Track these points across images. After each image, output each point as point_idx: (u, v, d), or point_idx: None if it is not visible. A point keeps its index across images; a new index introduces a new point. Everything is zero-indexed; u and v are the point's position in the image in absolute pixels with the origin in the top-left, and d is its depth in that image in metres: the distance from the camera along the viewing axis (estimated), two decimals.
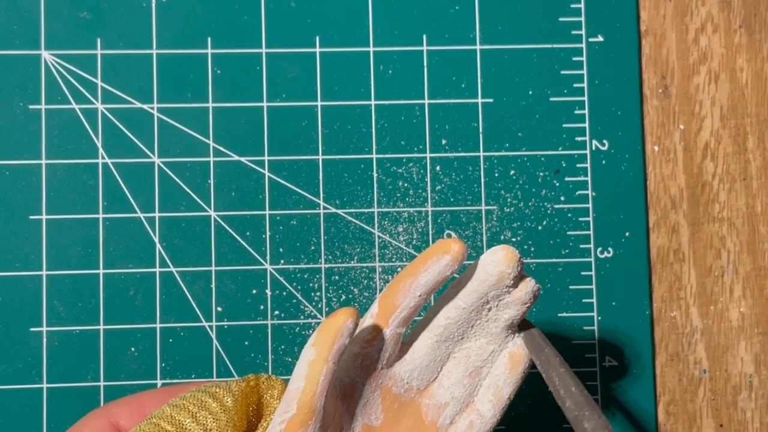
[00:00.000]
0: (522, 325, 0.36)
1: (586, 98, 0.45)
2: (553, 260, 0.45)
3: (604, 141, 0.45)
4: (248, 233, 0.44)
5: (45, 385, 0.42)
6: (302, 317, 0.44)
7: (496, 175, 0.45)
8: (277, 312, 0.44)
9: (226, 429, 0.34)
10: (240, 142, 0.44)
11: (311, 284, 0.44)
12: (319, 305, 0.44)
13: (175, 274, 0.43)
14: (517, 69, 0.45)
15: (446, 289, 0.36)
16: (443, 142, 0.45)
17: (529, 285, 0.35)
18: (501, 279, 0.34)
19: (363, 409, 0.36)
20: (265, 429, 0.36)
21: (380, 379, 0.36)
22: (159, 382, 0.43)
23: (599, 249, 0.45)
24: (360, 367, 0.35)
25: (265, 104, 0.44)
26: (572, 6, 0.46)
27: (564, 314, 0.45)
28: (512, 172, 0.45)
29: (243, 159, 0.44)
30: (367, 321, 0.35)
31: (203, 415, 0.35)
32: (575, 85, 0.45)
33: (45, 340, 0.43)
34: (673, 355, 0.45)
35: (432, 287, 0.35)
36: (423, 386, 0.36)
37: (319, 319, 0.44)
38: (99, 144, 0.44)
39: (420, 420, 0.36)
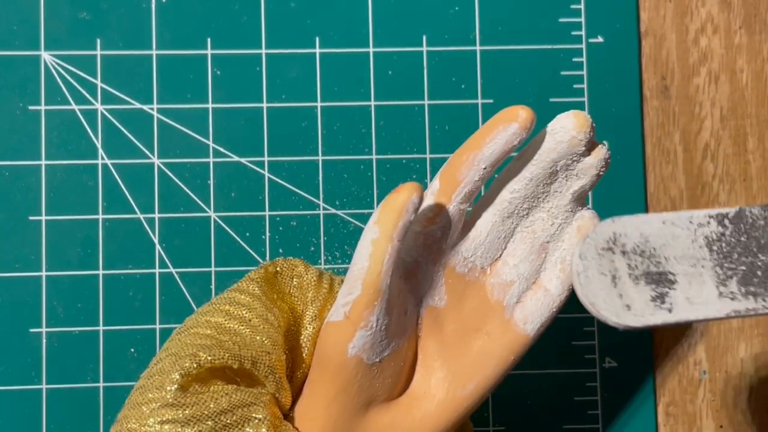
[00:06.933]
0: None
1: (586, 99, 0.45)
2: None
3: (604, 141, 0.45)
4: (248, 234, 0.44)
5: (44, 386, 0.42)
6: None
7: (496, 175, 0.45)
8: None
9: (264, 315, 0.33)
10: (240, 142, 0.44)
11: None
12: None
13: (175, 275, 0.43)
14: (517, 70, 0.45)
15: (509, 162, 0.35)
16: (443, 142, 0.45)
17: (601, 151, 0.33)
18: (572, 146, 0.33)
19: (427, 289, 0.34)
20: (314, 315, 0.34)
21: (443, 258, 0.34)
22: None
23: None
24: (422, 246, 0.34)
25: (264, 105, 0.44)
26: (572, 6, 0.46)
27: (564, 314, 0.44)
28: None
29: (243, 160, 0.44)
30: (428, 198, 0.33)
31: (236, 309, 0.33)
32: (575, 86, 0.45)
33: (44, 340, 0.43)
34: (672, 355, 0.45)
35: (498, 158, 0.33)
36: (488, 265, 0.35)
37: None
38: (99, 144, 0.44)
39: (485, 299, 0.35)
